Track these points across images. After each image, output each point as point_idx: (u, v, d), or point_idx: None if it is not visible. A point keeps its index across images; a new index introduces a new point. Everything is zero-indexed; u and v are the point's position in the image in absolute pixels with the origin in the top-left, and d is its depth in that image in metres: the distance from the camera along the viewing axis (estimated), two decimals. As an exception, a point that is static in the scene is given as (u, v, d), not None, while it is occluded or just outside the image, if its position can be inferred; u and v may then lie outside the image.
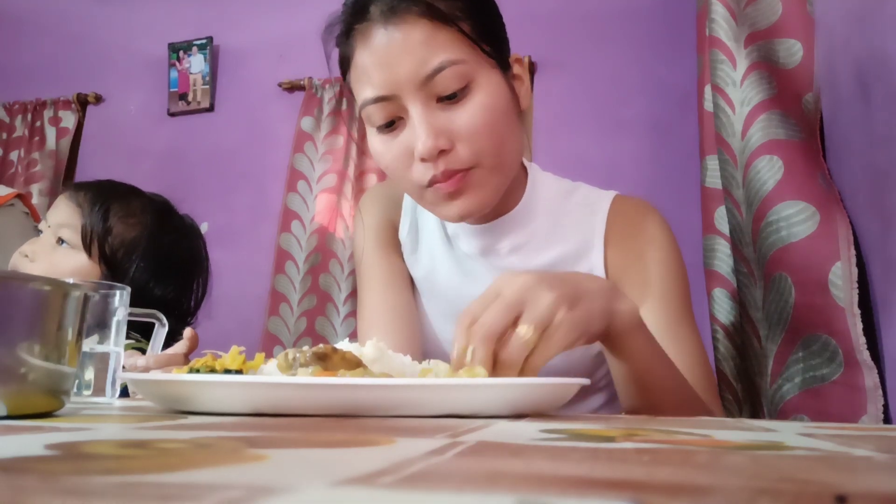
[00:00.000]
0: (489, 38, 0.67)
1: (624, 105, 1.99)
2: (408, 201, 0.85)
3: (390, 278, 0.81)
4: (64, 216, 1.05)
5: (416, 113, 0.63)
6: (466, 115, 0.64)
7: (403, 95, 0.63)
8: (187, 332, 0.88)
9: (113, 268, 1.04)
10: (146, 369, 0.83)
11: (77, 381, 0.55)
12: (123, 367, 0.74)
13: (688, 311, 0.73)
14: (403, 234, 0.84)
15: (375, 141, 0.69)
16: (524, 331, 0.48)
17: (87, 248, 1.03)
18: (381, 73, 0.63)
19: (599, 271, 0.76)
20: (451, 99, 0.64)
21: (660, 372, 0.60)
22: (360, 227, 0.86)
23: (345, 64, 0.70)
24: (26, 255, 1.02)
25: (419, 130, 0.63)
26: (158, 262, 1.07)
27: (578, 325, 0.51)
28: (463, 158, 0.64)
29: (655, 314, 0.70)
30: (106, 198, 1.06)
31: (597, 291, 0.54)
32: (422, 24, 0.63)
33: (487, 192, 0.67)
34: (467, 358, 0.49)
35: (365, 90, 0.66)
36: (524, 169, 0.79)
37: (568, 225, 0.77)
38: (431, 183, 0.65)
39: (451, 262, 0.81)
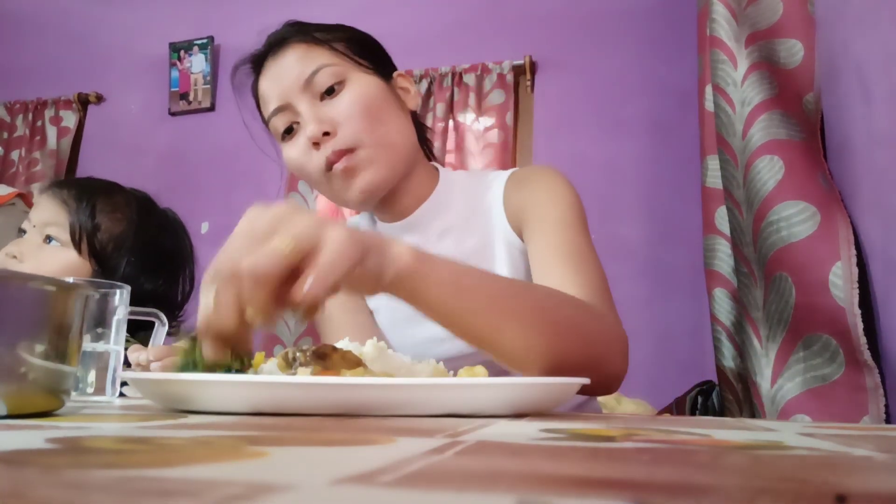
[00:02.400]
0: (363, 53, 0.79)
1: (624, 105, 1.99)
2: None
3: (349, 302, 0.85)
4: (50, 214, 1.03)
5: (304, 109, 0.75)
6: (344, 101, 0.75)
7: (293, 101, 0.76)
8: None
9: (103, 263, 1.03)
10: (148, 364, 0.83)
11: (77, 381, 0.55)
12: (128, 365, 0.74)
13: (584, 240, 0.72)
14: None
15: (285, 151, 0.80)
16: (277, 241, 0.42)
17: (77, 244, 1.02)
18: (275, 89, 0.78)
19: (510, 235, 0.78)
20: (331, 94, 0.76)
21: (491, 295, 0.54)
22: None
23: (257, 101, 0.85)
24: (14, 256, 1.01)
25: (306, 121, 0.75)
26: (146, 255, 1.07)
27: (348, 250, 0.43)
28: (345, 138, 0.73)
29: (548, 246, 0.71)
30: (90, 194, 1.06)
31: (369, 236, 0.47)
32: (301, 46, 0.78)
33: (380, 167, 0.75)
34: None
35: (267, 108, 0.79)
36: (436, 170, 0.85)
37: (482, 207, 0.81)
38: (328, 165, 0.74)
39: None
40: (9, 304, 0.34)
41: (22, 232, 1.06)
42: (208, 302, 0.42)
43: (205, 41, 2.39)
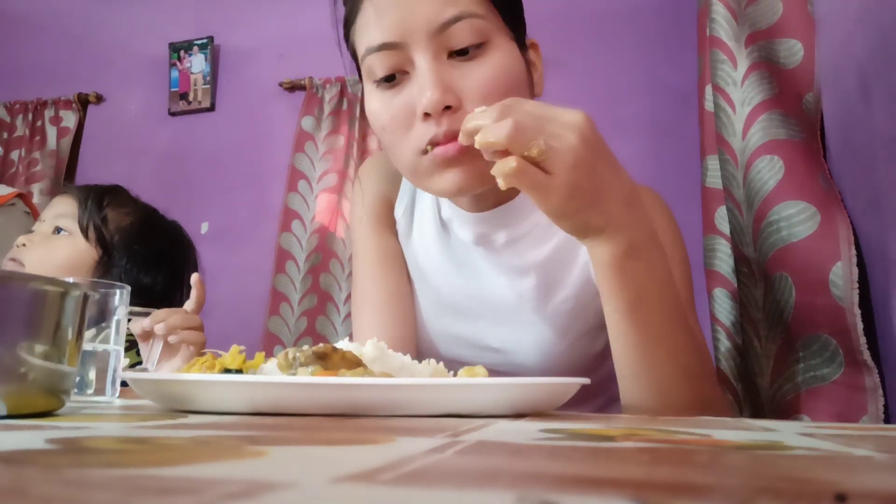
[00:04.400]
0: (510, 7, 0.64)
1: (624, 105, 1.99)
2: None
3: (384, 259, 0.78)
4: (61, 208, 1.13)
5: (425, 64, 0.58)
6: (480, 73, 0.59)
7: (412, 44, 0.58)
8: (194, 278, 0.91)
9: (109, 252, 1.09)
10: (148, 332, 0.83)
11: (77, 381, 0.55)
12: (130, 336, 0.75)
13: (691, 303, 0.69)
14: (399, 213, 0.80)
15: (373, 98, 0.63)
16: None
17: (85, 232, 1.09)
18: (391, 17, 0.58)
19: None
20: (464, 55, 0.59)
21: (658, 314, 0.53)
22: (358, 197, 0.82)
23: (350, 17, 0.65)
24: (23, 245, 1.06)
25: (426, 82, 0.58)
26: (150, 251, 1.12)
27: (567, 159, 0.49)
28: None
29: None
30: (100, 191, 1.15)
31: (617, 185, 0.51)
32: None
33: (489, 166, 0.60)
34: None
35: (370, 36, 0.60)
36: None
37: None
38: (431, 145, 0.59)
39: (443, 249, 0.77)
40: (9, 304, 0.34)
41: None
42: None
43: (205, 41, 2.39)
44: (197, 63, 2.40)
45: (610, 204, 0.51)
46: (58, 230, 1.09)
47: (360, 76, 0.66)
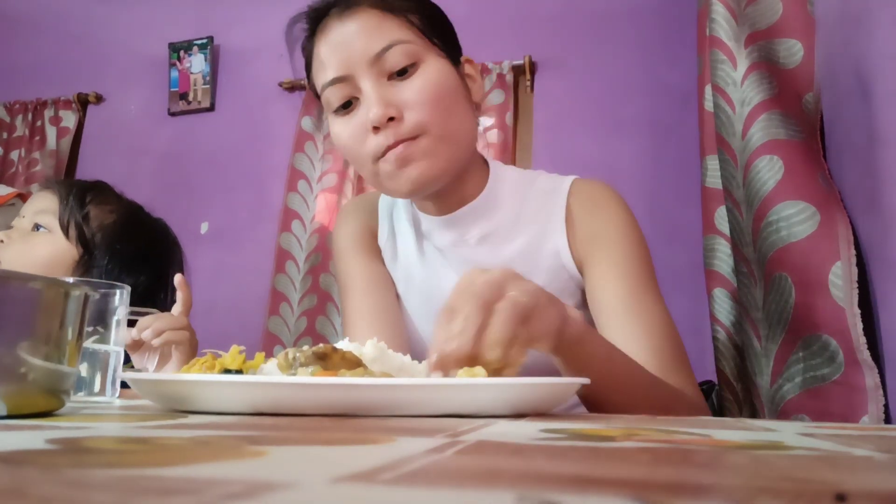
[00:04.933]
0: (436, 32, 0.73)
1: (624, 105, 1.99)
2: (383, 208, 0.88)
3: (371, 281, 0.84)
4: (41, 204, 1.07)
5: (368, 87, 0.68)
6: (414, 87, 0.69)
7: (357, 74, 0.69)
8: (178, 279, 0.90)
9: (90, 251, 1.05)
10: (138, 342, 0.84)
11: (77, 381, 0.55)
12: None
13: (651, 284, 0.74)
14: (382, 240, 0.87)
15: (335, 125, 0.73)
16: (490, 354, 0.49)
17: (66, 230, 1.05)
18: (337, 57, 0.70)
19: (565, 253, 0.77)
20: (401, 75, 0.69)
21: (622, 375, 0.60)
22: (338, 237, 0.89)
23: (308, 62, 0.77)
24: (1, 241, 1.02)
25: (370, 102, 0.68)
26: (133, 250, 1.09)
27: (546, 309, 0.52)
28: (410, 126, 0.68)
29: (618, 290, 0.71)
30: (82, 188, 1.10)
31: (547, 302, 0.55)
32: (373, 13, 0.70)
33: (438, 161, 0.70)
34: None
35: (323, 75, 0.71)
36: (486, 163, 0.82)
37: (531, 212, 0.79)
38: (384, 151, 0.69)
39: (425, 259, 0.83)
40: (9, 304, 0.34)
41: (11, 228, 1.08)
42: (447, 331, 0.49)
43: (204, 41, 2.39)
44: (197, 63, 2.40)
45: (551, 326, 0.55)
46: (37, 227, 1.05)
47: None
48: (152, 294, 1.11)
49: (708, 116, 1.33)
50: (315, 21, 0.74)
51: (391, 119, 0.68)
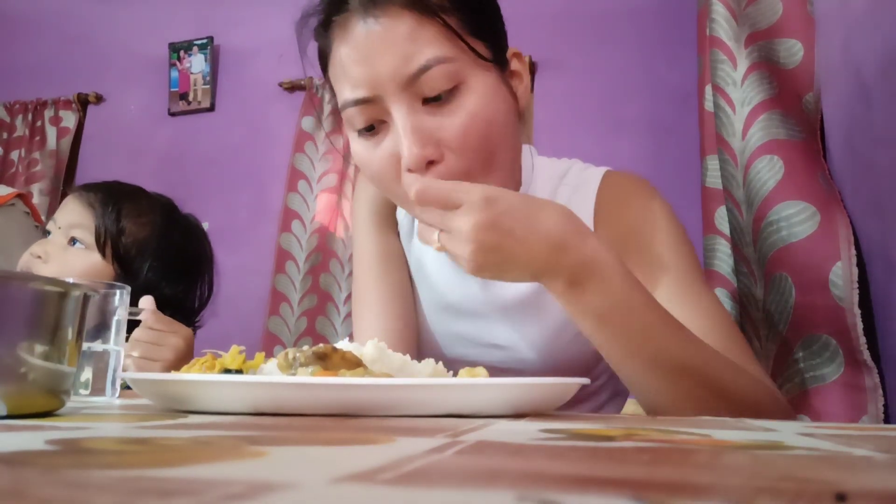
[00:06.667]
0: (481, 31, 0.61)
1: (624, 105, 1.99)
2: None
3: (386, 258, 0.79)
4: (76, 216, 1.05)
5: (401, 117, 0.58)
6: (457, 122, 0.58)
7: (386, 96, 0.58)
8: (144, 301, 0.89)
9: (126, 267, 1.05)
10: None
11: (77, 381, 0.55)
12: None
13: (698, 275, 0.68)
14: (401, 214, 0.81)
15: (358, 145, 0.63)
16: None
17: (101, 248, 1.04)
18: (361, 71, 0.58)
19: None
20: (438, 101, 0.58)
21: (667, 336, 0.52)
22: (358, 204, 0.84)
23: (323, 58, 0.65)
24: (39, 257, 1.02)
25: (404, 138, 0.57)
26: (168, 260, 1.08)
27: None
28: (454, 170, 0.59)
29: (666, 286, 0.64)
30: (117, 198, 1.07)
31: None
32: (405, 17, 0.57)
33: None
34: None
35: (344, 90, 0.61)
36: (520, 165, 0.77)
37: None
38: None
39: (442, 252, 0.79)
40: (9, 304, 0.34)
41: (47, 233, 1.07)
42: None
43: (204, 41, 2.39)
44: (197, 63, 2.40)
45: (530, 259, 0.52)
46: (73, 241, 1.04)
47: None
48: (184, 299, 1.11)
49: (708, 116, 1.33)
50: (334, 8, 0.61)
51: (431, 163, 0.58)
